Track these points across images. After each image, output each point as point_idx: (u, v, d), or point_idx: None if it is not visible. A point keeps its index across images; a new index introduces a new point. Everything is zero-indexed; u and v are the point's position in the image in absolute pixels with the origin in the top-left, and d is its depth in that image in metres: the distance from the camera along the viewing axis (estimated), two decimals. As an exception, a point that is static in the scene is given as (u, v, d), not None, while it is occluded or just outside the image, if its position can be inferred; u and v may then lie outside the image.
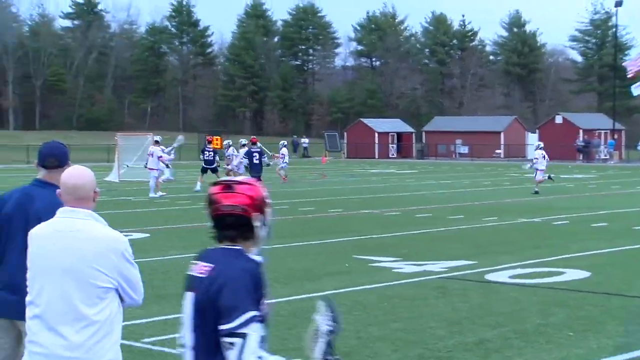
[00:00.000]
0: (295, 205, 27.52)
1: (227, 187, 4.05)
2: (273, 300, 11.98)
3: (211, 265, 3.98)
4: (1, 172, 50.84)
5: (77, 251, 4.63)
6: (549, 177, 34.99)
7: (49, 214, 6.03)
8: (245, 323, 3.84)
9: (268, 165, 31.74)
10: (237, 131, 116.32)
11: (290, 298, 12.24)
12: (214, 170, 33.54)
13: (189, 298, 4.02)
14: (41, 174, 6.29)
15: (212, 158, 34.11)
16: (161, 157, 32.84)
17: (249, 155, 29.81)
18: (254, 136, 35.25)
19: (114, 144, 47.92)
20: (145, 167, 34.18)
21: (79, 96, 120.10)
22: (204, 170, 33.93)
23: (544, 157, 34.82)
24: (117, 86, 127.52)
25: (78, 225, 4.70)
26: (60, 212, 4.79)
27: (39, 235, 4.79)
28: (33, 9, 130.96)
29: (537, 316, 10.95)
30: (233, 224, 4.03)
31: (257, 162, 29.39)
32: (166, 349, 9.35)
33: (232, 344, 3.82)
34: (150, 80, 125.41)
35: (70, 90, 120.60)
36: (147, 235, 19.76)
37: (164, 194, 31.88)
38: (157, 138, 34.89)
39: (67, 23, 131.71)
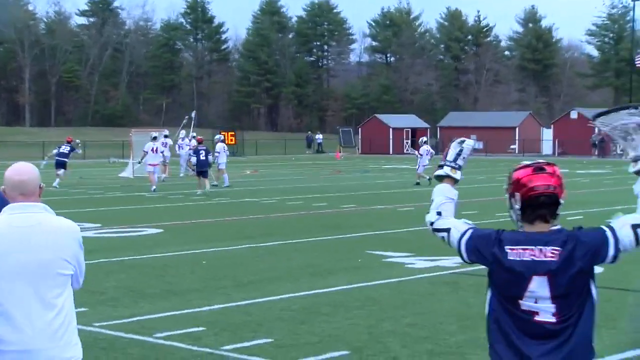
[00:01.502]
0: (309, 201, 27.54)
1: (539, 169, 4.29)
2: (285, 296, 12.01)
3: (558, 249, 4.21)
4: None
5: (44, 244, 4.71)
6: (429, 179, 34.41)
7: None
8: None
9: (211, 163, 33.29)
10: (252, 127, 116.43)
11: (303, 293, 12.23)
12: (64, 166, 35.38)
13: (541, 281, 4.21)
14: None
15: (67, 152, 35.62)
16: (163, 151, 35.26)
17: (197, 152, 32.52)
18: (200, 136, 36.84)
19: (128, 140, 48.01)
20: (140, 162, 35.97)
21: (94, 93, 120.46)
22: (58, 165, 35.10)
23: (428, 152, 36.85)
24: (132, 82, 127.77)
25: (37, 219, 4.77)
26: (11, 208, 4.79)
27: None
28: (50, 6, 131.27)
29: (549, 311, 10.88)
30: (545, 203, 4.26)
31: (204, 158, 31.97)
32: (177, 344, 9.36)
33: None
34: (165, 77, 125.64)
35: (85, 86, 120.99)
36: (161, 230, 19.80)
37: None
38: (155, 134, 35.69)
39: (82, 20, 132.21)
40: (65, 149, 35.62)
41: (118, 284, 12.89)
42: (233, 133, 75.83)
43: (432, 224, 4.61)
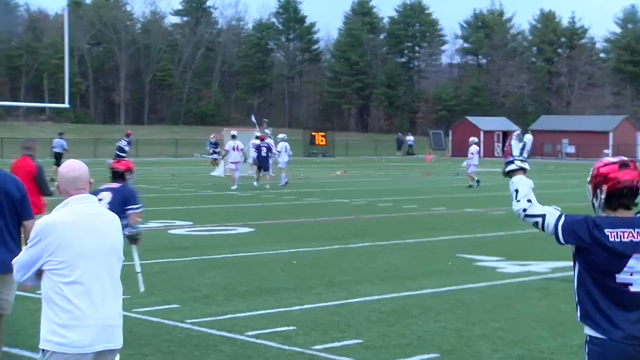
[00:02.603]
0: (399, 203, 27.52)
1: (624, 165, 4.97)
2: (375, 297, 12.05)
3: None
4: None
5: (109, 230, 5.27)
6: (477, 182, 36.21)
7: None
8: None
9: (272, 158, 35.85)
10: (343, 128, 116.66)
11: (393, 295, 12.25)
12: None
13: (639, 258, 4.85)
14: None
15: (123, 146, 39.33)
16: (243, 148, 35.84)
17: (258, 148, 35.19)
18: (262, 134, 38.48)
19: (220, 138, 48.56)
20: (222, 158, 38.87)
21: (187, 91, 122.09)
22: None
23: (477, 152, 37.79)
24: (224, 82, 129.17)
25: (99, 209, 5.33)
26: (78, 199, 5.23)
27: (70, 222, 5.14)
28: (146, 6, 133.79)
29: (643, 320, 10.71)
30: (628, 195, 4.95)
31: (265, 155, 34.85)
32: (268, 342, 9.46)
33: None
34: (257, 76, 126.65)
35: (177, 85, 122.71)
36: (253, 229, 20.00)
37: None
38: (234, 132, 37.19)
39: (176, 20, 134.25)
40: (122, 143, 38.98)
41: (211, 282, 13.07)
42: (324, 134, 76.06)
43: (524, 210, 5.19)
